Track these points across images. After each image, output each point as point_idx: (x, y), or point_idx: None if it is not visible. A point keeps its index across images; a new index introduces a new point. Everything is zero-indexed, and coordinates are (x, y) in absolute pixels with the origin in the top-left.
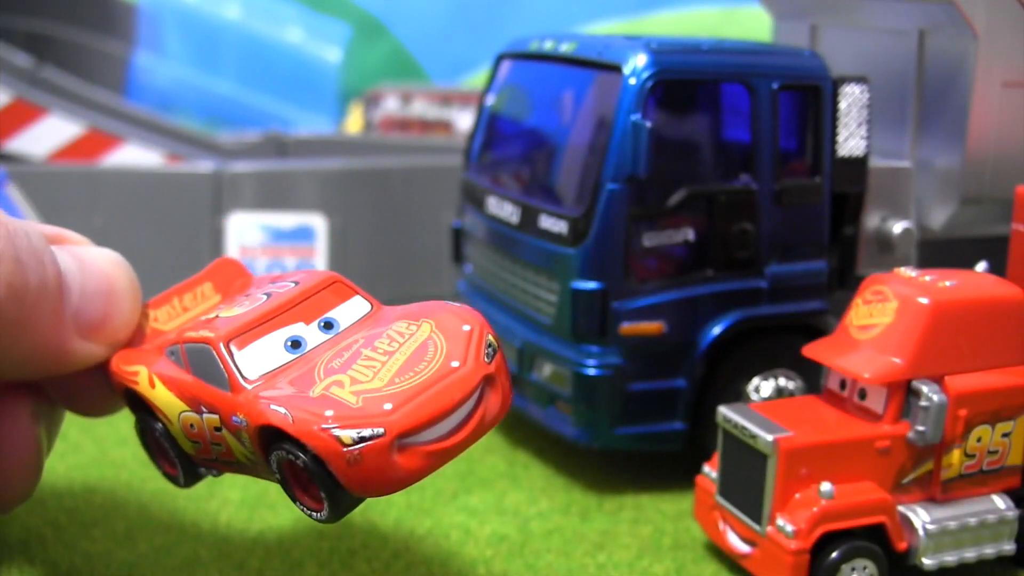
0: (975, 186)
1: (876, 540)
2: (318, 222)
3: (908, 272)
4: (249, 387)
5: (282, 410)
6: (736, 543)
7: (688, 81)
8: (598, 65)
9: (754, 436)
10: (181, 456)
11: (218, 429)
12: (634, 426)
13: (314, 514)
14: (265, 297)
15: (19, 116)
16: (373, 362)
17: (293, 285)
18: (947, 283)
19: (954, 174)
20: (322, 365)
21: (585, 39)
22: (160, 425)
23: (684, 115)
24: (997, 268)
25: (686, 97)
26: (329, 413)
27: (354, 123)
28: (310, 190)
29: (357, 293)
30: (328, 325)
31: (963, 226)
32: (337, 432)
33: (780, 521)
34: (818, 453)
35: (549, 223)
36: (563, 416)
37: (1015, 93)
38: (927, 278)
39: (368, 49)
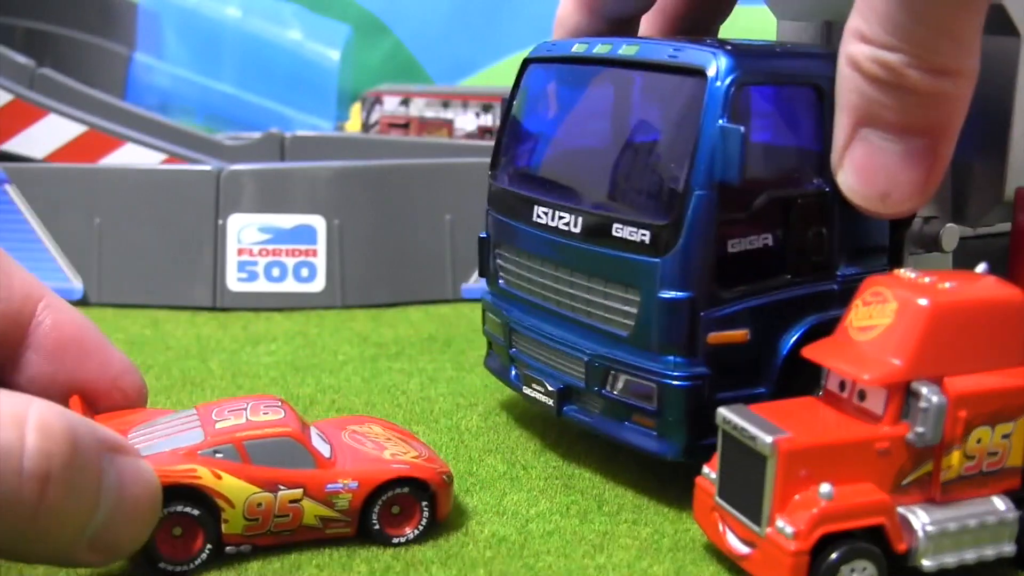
0: (1018, 185)
1: (876, 541)
2: (318, 222)
3: (907, 273)
4: (333, 465)
5: (405, 466)
6: (736, 544)
7: (766, 84)
8: (672, 68)
9: (753, 437)
10: (210, 538)
11: (295, 501)
12: None
13: (395, 539)
14: (277, 408)
15: (19, 116)
16: (393, 443)
17: (277, 403)
18: (946, 284)
19: (995, 174)
20: (361, 448)
21: (645, 42)
22: (201, 515)
23: (762, 118)
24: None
25: (763, 100)
26: (431, 466)
27: (353, 124)
28: (310, 190)
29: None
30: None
31: (996, 223)
32: (443, 475)
33: (780, 522)
34: (817, 454)
35: (626, 232)
36: (643, 430)
37: None
38: (926, 279)
39: (368, 49)
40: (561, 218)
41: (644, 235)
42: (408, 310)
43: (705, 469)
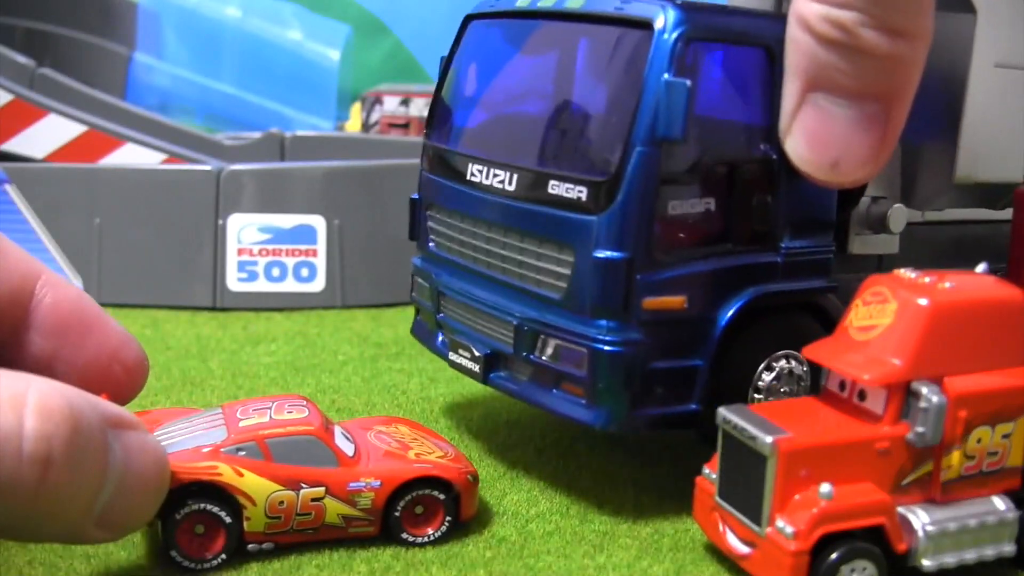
0: (968, 168)
1: (876, 541)
2: (318, 222)
3: (908, 273)
4: (356, 463)
5: (428, 466)
6: (736, 544)
7: (716, 41)
8: (618, 21)
9: (753, 437)
10: (232, 537)
11: (316, 499)
12: (652, 408)
13: (417, 539)
14: (302, 407)
15: (19, 116)
16: (419, 443)
17: (303, 402)
18: (946, 284)
19: (947, 155)
20: (384, 447)
21: None
22: (223, 513)
23: (709, 77)
24: (981, 253)
25: (712, 59)
26: (455, 466)
27: (353, 124)
28: (310, 190)
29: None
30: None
31: (946, 208)
32: (467, 475)
33: (780, 522)
34: (817, 454)
35: (562, 188)
36: (572, 398)
37: (1006, 74)
38: (927, 279)
39: (368, 49)
40: (496, 176)
41: (581, 192)
42: (408, 310)
43: (705, 469)
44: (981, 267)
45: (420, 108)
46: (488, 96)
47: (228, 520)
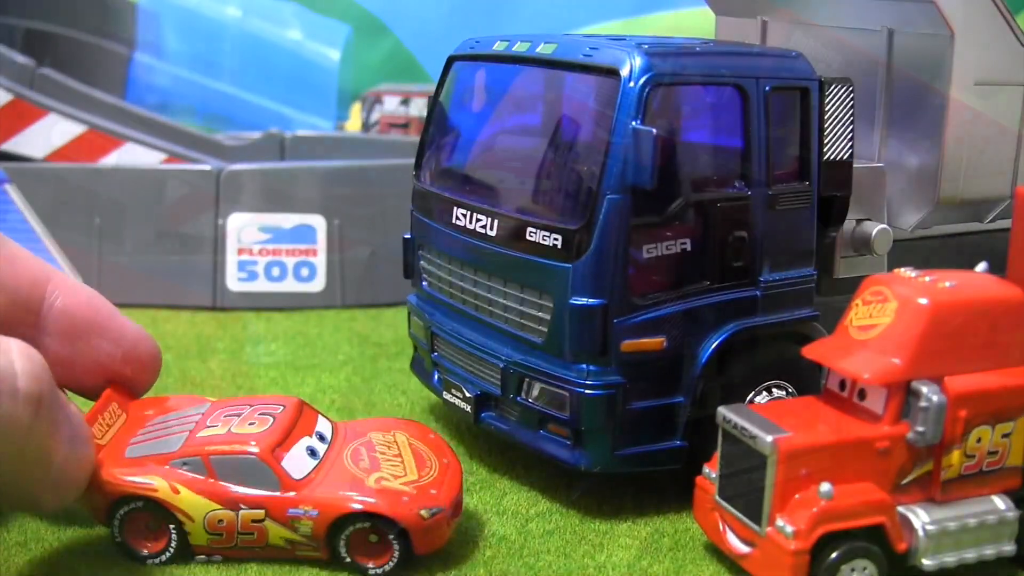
0: (951, 187)
1: (876, 541)
2: (318, 222)
3: (908, 272)
4: (302, 487)
5: (371, 499)
6: (736, 544)
7: (685, 84)
8: (587, 68)
9: (753, 437)
10: (182, 544)
11: (257, 521)
12: (636, 447)
13: (374, 570)
14: (268, 417)
15: (19, 116)
16: (393, 462)
17: (279, 408)
18: (947, 284)
19: (930, 175)
20: (350, 466)
21: (564, 40)
22: (172, 525)
23: (679, 120)
24: (965, 264)
25: (681, 101)
26: (406, 499)
27: (353, 123)
28: (310, 190)
29: (319, 413)
30: (321, 437)
31: (932, 225)
32: (419, 511)
33: (780, 522)
34: (818, 454)
35: (539, 236)
36: (557, 439)
37: (986, 92)
38: (927, 279)
39: (368, 49)
40: (478, 220)
41: (556, 239)
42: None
43: (705, 469)
44: (981, 266)
45: (420, 108)
46: (470, 139)
47: (173, 522)
